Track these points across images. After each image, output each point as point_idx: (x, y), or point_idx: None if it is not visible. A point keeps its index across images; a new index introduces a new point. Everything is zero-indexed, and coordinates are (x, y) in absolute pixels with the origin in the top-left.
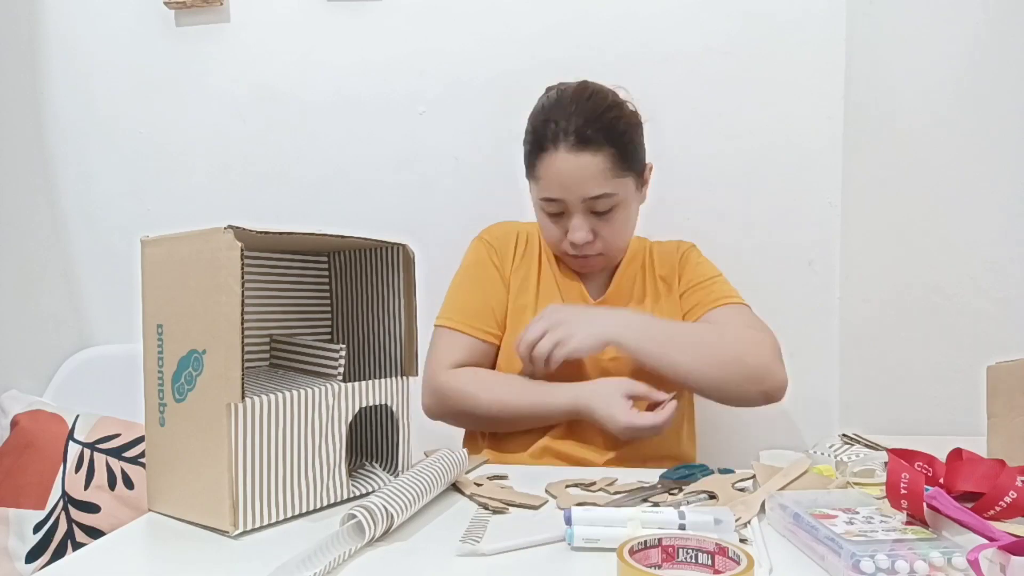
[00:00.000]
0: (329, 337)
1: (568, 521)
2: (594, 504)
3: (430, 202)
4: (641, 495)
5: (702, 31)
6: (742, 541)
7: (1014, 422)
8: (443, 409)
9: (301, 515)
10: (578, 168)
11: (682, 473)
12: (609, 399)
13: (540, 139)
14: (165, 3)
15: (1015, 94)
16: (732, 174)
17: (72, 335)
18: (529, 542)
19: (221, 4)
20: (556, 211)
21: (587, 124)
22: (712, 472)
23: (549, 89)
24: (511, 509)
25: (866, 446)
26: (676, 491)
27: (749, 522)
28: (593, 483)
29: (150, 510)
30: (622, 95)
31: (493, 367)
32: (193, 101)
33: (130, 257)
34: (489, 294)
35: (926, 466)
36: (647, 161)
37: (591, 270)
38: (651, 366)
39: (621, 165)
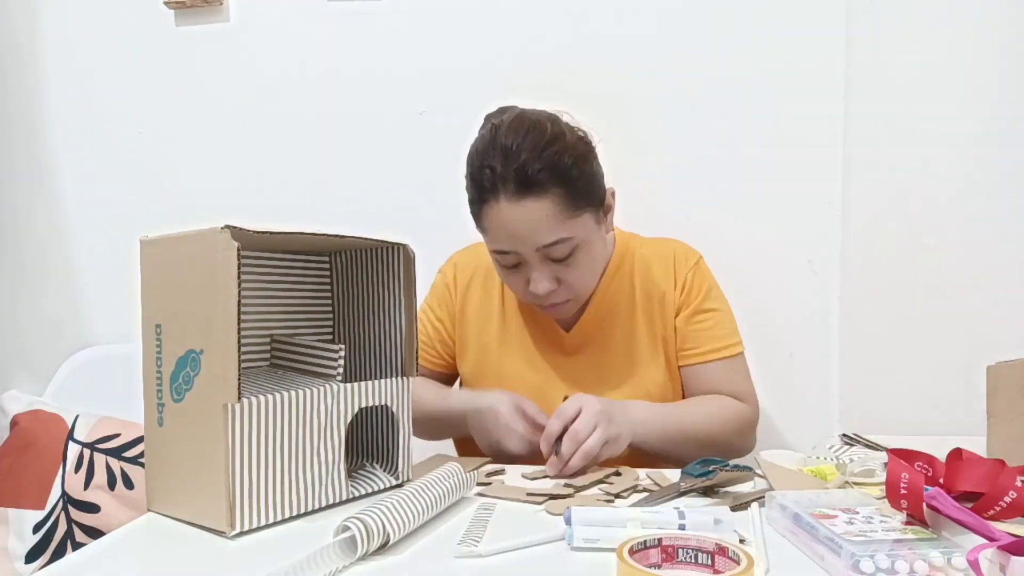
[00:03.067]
0: (330, 337)
1: (568, 521)
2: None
3: (430, 202)
4: (669, 494)
5: (702, 31)
6: (741, 541)
7: (1014, 422)
8: None
9: (300, 516)
10: (524, 218)
11: (702, 470)
12: (494, 405)
13: (479, 189)
14: (165, 3)
15: (1015, 93)
16: (732, 174)
17: (72, 335)
18: (528, 542)
19: (221, 4)
20: (512, 263)
21: (525, 165)
22: (729, 466)
23: (487, 120)
24: (513, 506)
25: (866, 446)
26: (710, 490)
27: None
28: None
29: (149, 510)
30: (566, 120)
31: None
32: (193, 101)
33: (130, 257)
34: (427, 325)
35: (926, 466)
36: (607, 187)
37: (565, 315)
38: (648, 452)
39: (572, 204)
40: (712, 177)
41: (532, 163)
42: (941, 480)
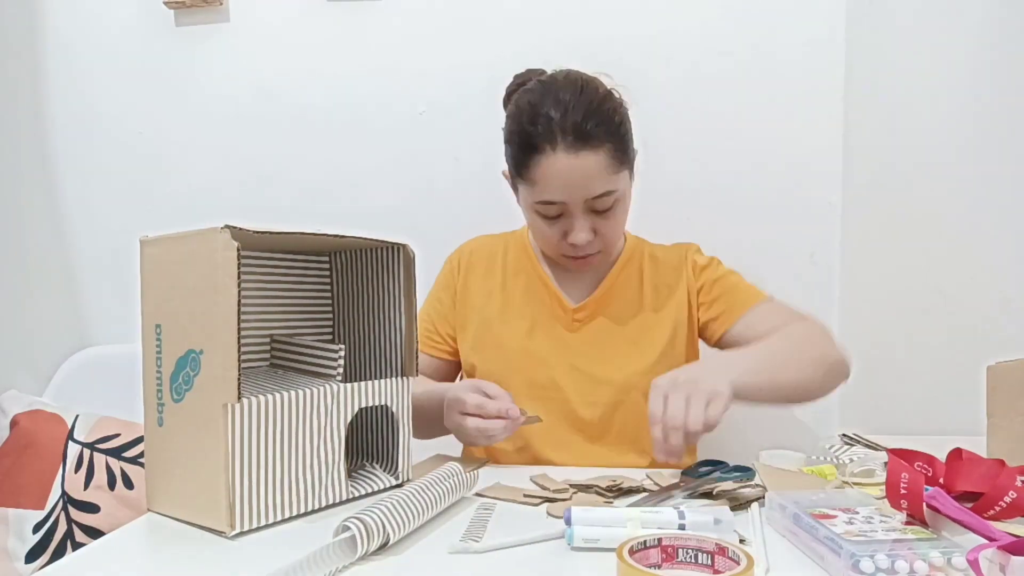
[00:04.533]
0: (330, 337)
1: (568, 521)
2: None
3: (430, 202)
4: (668, 494)
5: (702, 31)
6: (741, 541)
7: (1014, 422)
8: None
9: (300, 516)
10: (580, 168)
11: (702, 472)
12: (456, 392)
13: (532, 138)
14: (165, 3)
15: (1016, 93)
16: (732, 174)
17: (72, 335)
18: (524, 539)
19: (221, 4)
20: (554, 214)
21: (585, 119)
22: (731, 467)
23: (523, 79)
24: (514, 506)
25: (866, 446)
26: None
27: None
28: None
29: (149, 510)
30: (607, 83)
31: (450, 379)
32: (193, 101)
33: (130, 257)
34: (434, 311)
35: (926, 466)
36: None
37: (589, 268)
38: (760, 398)
39: (620, 159)
40: (712, 177)
41: (591, 117)
42: (941, 480)
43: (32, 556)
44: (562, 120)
